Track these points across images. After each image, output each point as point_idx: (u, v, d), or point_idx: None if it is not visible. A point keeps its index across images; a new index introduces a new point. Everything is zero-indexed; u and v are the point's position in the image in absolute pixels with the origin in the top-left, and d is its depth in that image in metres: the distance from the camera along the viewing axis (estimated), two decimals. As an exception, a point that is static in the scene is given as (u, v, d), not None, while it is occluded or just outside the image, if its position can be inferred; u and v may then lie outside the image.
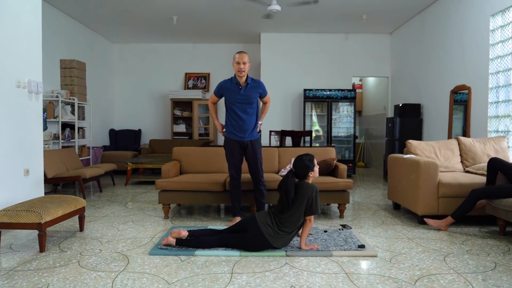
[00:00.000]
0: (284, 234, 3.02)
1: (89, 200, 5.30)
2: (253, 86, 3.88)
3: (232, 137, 3.87)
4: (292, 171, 3.13)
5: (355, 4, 6.63)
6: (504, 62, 4.73)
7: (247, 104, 3.83)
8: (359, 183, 7.09)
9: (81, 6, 6.75)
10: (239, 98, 3.82)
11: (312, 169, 3.14)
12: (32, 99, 4.19)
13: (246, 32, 8.44)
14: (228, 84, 3.90)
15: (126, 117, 9.53)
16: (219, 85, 3.95)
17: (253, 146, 3.87)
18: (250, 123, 3.86)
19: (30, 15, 4.20)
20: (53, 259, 2.90)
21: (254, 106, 3.89)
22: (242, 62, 3.78)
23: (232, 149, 3.88)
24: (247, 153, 3.90)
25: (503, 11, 4.74)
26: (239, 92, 3.82)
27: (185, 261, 2.85)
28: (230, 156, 3.90)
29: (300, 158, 3.16)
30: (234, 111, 3.83)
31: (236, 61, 3.80)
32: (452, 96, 5.88)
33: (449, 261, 2.85)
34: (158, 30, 8.26)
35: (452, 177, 4.02)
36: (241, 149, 3.90)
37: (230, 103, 3.86)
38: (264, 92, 3.97)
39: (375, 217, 4.35)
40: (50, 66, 6.59)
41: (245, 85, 3.84)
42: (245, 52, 3.87)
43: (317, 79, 8.59)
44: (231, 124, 3.88)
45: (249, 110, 3.85)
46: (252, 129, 3.88)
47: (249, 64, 3.85)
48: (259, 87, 3.91)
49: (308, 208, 3.02)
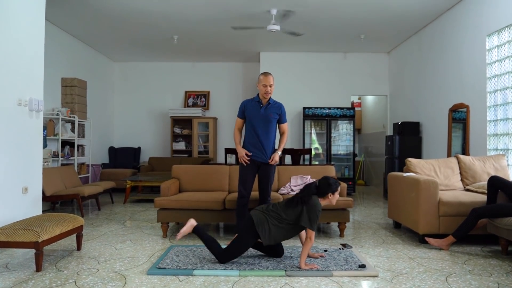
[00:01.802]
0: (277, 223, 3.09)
1: (87, 219, 5.26)
2: (274, 106, 3.92)
3: (252, 157, 3.87)
4: (316, 184, 3.18)
5: (353, 24, 6.73)
6: (502, 81, 4.77)
7: (266, 123, 3.86)
8: (359, 201, 7.06)
9: (82, 25, 6.85)
10: (259, 117, 3.85)
11: (333, 192, 3.15)
12: (32, 117, 4.21)
13: (246, 51, 8.55)
14: (250, 102, 3.95)
15: (125, 134, 9.54)
16: (242, 104, 3.99)
17: (267, 167, 3.89)
18: (267, 143, 3.87)
19: (33, 34, 4.26)
20: (49, 278, 2.86)
21: (273, 127, 3.91)
22: (269, 85, 3.81)
23: (247, 167, 3.88)
24: (260, 172, 3.91)
25: (499, 31, 4.81)
26: (259, 111, 3.86)
27: (183, 281, 2.81)
28: (243, 174, 3.89)
29: (326, 177, 3.23)
30: (253, 128, 3.87)
31: (262, 84, 3.81)
32: (450, 115, 5.91)
33: (451, 282, 2.81)
34: (158, 49, 8.36)
35: (452, 195, 4.00)
36: (255, 168, 3.90)
37: (250, 120, 3.90)
38: (284, 116, 3.98)
39: (376, 236, 4.31)
40: (51, 84, 6.64)
41: (266, 104, 3.89)
42: (270, 74, 3.87)
43: (316, 97, 8.65)
44: (249, 142, 3.91)
45: (268, 130, 3.87)
46: (267, 150, 3.88)
47: (273, 87, 3.88)
48: (279, 109, 3.94)
49: (305, 218, 3.02)
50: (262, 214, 3.16)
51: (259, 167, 3.90)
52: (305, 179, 4.60)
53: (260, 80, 3.85)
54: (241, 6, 5.88)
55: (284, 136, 4.02)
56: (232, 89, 9.55)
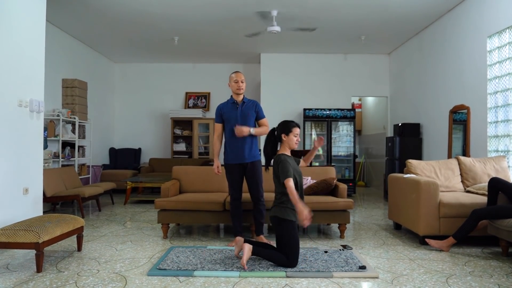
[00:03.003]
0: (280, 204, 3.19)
1: (87, 219, 5.26)
2: (250, 105, 3.95)
3: (232, 161, 3.88)
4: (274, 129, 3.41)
5: (353, 26, 6.74)
6: (502, 83, 4.77)
7: (246, 122, 3.85)
8: (359, 202, 7.06)
9: (83, 27, 6.86)
10: (237, 117, 3.86)
11: (286, 133, 3.31)
12: (33, 118, 4.22)
13: (246, 52, 8.55)
14: (225, 105, 3.97)
15: (126, 136, 9.55)
16: (218, 108, 4.00)
17: (253, 166, 3.88)
18: (247, 143, 3.86)
19: (34, 35, 4.27)
20: (50, 279, 2.86)
21: (252, 125, 3.90)
22: (240, 80, 3.88)
23: (232, 171, 3.89)
24: (246, 173, 3.90)
25: (500, 33, 4.81)
26: (236, 111, 3.88)
27: (183, 282, 2.81)
28: (230, 178, 3.92)
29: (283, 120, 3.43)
30: (232, 131, 3.85)
31: (234, 80, 3.88)
32: (451, 116, 5.91)
33: (451, 283, 2.81)
34: (159, 50, 8.37)
35: (453, 197, 4.00)
36: (241, 170, 3.90)
37: (229, 123, 3.89)
38: (261, 112, 3.98)
39: (376, 237, 4.31)
40: (52, 85, 6.65)
41: (242, 104, 3.92)
42: (240, 72, 3.99)
43: (317, 98, 8.65)
44: (229, 148, 3.90)
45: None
46: (250, 149, 3.88)
47: (245, 83, 3.95)
48: (255, 106, 3.96)
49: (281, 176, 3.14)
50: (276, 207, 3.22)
51: (244, 168, 3.90)
52: (305, 180, 4.60)
53: (231, 78, 3.92)
54: (242, 7, 5.88)
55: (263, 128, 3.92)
56: (232, 90, 9.52)
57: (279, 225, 3.17)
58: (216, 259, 3.32)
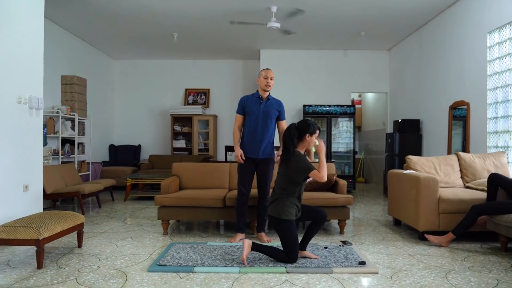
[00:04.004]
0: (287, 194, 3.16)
1: (88, 216, 5.27)
2: (274, 103, 3.96)
3: (247, 155, 3.88)
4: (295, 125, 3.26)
5: (353, 21, 6.72)
6: (502, 78, 4.77)
7: (266, 118, 3.87)
8: (359, 198, 7.07)
9: (82, 23, 6.84)
10: (259, 112, 3.87)
11: (311, 133, 3.24)
12: (32, 115, 4.21)
13: (246, 48, 8.53)
14: (250, 98, 3.97)
15: (126, 132, 9.54)
16: (241, 100, 4.00)
17: (266, 164, 3.90)
18: (264, 140, 3.88)
19: (33, 32, 4.26)
20: (50, 276, 2.87)
21: (272, 123, 3.93)
22: (270, 77, 3.89)
23: (245, 165, 3.89)
24: (258, 169, 3.91)
25: (500, 28, 4.80)
26: (260, 106, 3.88)
27: (184, 278, 2.82)
28: (242, 173, 3.91)
29: (306, 119, 3.36)
30: (252, 125, 3.87)
31: (264, 76, 3.88)
32: (451, 112, 5.91)
33: (451, 278, 2.82)
34: (158, 47, 8.35)
35: (452, 192, 4.01)
36: (254, 166, 3.91)
37: (250, 116, 3.90)
38: (283, 113, 4.01)
39: (376, 233, 4.32)
40: (51, 82, 6.64)
41: (266, 100, 3.92)
42: (271, 69, 3.97)
43: (317, 95, 8.65)
44: (247, 139, 3.91)
45: (268, 126, 3.89)
46: (265, 146, 3.89)
47: (273, 81, 3.95)
48: (279, 105, 3.99)
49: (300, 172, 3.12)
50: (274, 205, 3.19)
51: (257, 164, 3.91)
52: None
53: (260, 74, 3.91)
54: (241, 3, 5.87)
55: None
56: (232, 86, 9.55)
57: (278, 224, 3.16)
58: (216, 255, 3.33)
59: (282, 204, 3.14)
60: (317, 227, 3.29)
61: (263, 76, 3.89)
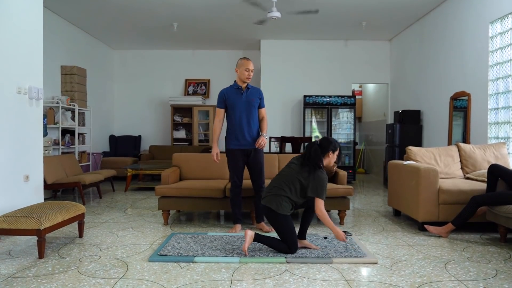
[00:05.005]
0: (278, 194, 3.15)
1: (88, 206, 5.29)
2: (254, 91, 3.93)
3: (236, 147, 3.87)
4: (318, 143, 3.23)
5: (354, 11, 6.66)
6: (504, 69, 4.74)
7: (249, 108, 3.85)
8: (359, 189, 7.08)
9: (82, 13, 6.79)
10: (242, 102, 3.84)
11: (333, 150, 3.21)
12: (32, 105, 4.20)
13: (246, 38, 8.48)
14: (229, 90, 3.92)
15: (126, 123, 9.53)
16: (221, 93, 3.94)
17: (256, 153, 3.89)
18: (253, 129, 3.88)
19: (32, 22, 4.22)
20: (52, 265, 2.89)
21: (255, 112, 3.92)
22: (251, 69, 3.84)
23: (236, 157, 3.87)
24: (249, 160, 3.90)
25: (502, 18, 4.76)
26: (241, 97, 3.85)
27: (184, 267, 2.83)
28: (233, 165, 3.90)
29: (327, 137, 3.34)
30: (237, 116, 3.84)
31: (245, 68, 3.81)
32: (452, 103, 5.89)
33: (450, 268, 2.84)
34: (158, 36, 8.30)
35: (452, 183, 4.01)
36: (244, 157, 3.90)
37: (233, 108, 3.86)
38: (263, 101, 4.00)
39: (376, 223, 4.33)
40: (51, 72, 6.61)
41: (246, 90, 3.89)
42: (250, 60, 3.91)
43: (317, 85, 8.62)
44: (234, 133, 3.88)
45: (252, 115, 3.87)
46: (255, 136, 3.88)
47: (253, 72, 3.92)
48: (259, 94, 3.97)
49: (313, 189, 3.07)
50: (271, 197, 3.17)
51: (248, 155, 3.89)
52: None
53: (241, 64, 3.83)
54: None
55: (264, 120, 4.00)
56: (232, 77, 9.30)
57: (275, 218, 3.15)
58: (216, 245, 3.35)
59: (281, 200, 3.13)
60: (310, 214, 3.33)
61: (244, 68, 3.81)
